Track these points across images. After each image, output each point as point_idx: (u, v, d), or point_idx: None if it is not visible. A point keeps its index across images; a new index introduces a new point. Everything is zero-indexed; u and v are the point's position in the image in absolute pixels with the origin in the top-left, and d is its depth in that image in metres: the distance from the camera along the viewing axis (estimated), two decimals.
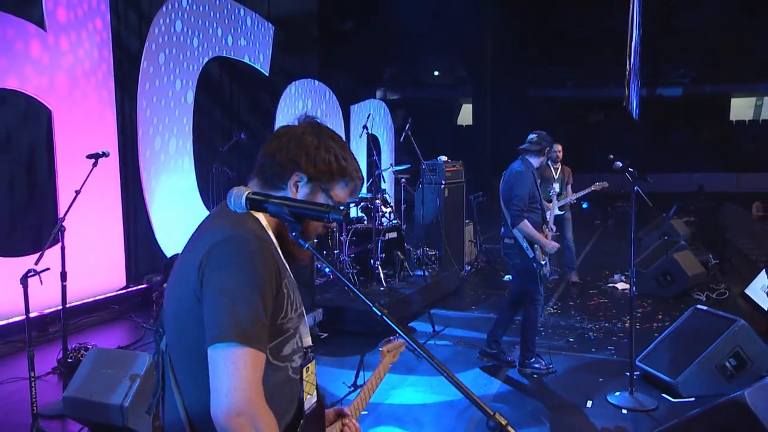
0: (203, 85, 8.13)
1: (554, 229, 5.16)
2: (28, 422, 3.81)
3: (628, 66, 14.89)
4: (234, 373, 1.35)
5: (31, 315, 5.57)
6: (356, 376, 4.62)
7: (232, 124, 8.74)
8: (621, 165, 4.47)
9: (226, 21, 8.56)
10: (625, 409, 4.10)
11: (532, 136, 4.89)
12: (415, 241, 7.76)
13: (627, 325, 5.96)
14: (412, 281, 6.83)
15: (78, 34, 6.40)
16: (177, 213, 7.53)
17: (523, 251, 4.71)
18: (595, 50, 15.70)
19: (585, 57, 16.28)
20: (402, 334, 1.49)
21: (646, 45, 16.26)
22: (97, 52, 6.61)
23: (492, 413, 1.38)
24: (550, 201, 7.45)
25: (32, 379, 3.12)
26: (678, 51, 16.27)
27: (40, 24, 6.02)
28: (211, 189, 7.56)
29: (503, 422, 1.36)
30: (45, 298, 5.09)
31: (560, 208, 7.26)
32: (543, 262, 4.72)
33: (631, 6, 14.12)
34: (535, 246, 4.68)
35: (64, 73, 6.25)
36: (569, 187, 7.61)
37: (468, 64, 17.55)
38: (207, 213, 7.67)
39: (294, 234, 1.41)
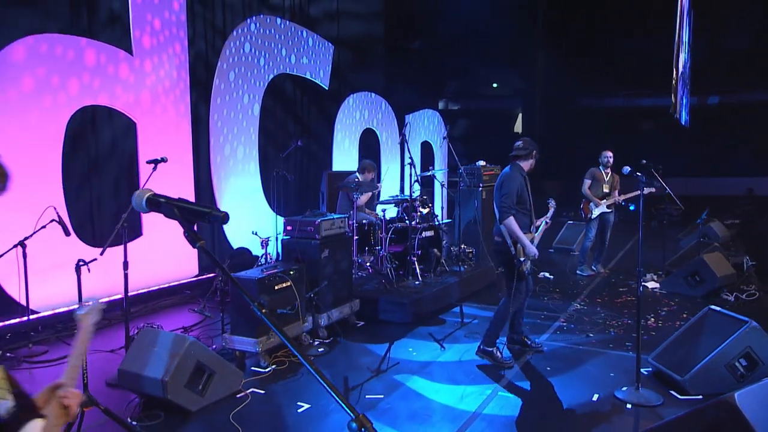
0: (268, 99, 8.33)
1: (546, 224, 4.91)
2: (96, 388, 4.04)
3: (675, 74, 14.05)
4: None
5: (115, 298, 5.97)
6: (381, 362, 4.61)
7: (294, 132, 8.89)
8: (629, 170, 4.20)
9: (290, 42, 8.72)
10: (629, 403, 3.84)
11: (518, 143, 4.84)
12: (454, 239, 7.63)
13: (650, 322, 5.64)
14: (448, 276, 6.71)
15: (160, 57, 6.71)
16: (243, 211, 7.76)
17: (507, 248, 4.55)
18: (644, 60, 14.90)
19: (634, 67, 15.46)
20: (282, 336, 1.42)
21: (695, 54, 15.30)
22: (175, 72, 6.91)
23: (356, 414, 1.31)
24: (602, 198, 7.45)
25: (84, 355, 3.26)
26: (726, 59, 15.17)
27: (129, 50, 6.36)
28: (272, 190, 7.74)
29: (368, 424, 1.29)
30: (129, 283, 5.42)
31: (608, 207, 7.68)
32: (522, 259, 4.51)
33: (678, 16, 13.31)
34: (518, 245, 4.50)
35: (148, 90, 6.57)
36: (616, 192, 7.84)
37: (520, 76, 17.09)
38: (270, 211, 7.92)
39: (186, 233, 1.40)
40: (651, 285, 7.02)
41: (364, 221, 6.72)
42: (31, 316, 5.22)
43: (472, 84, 19.17)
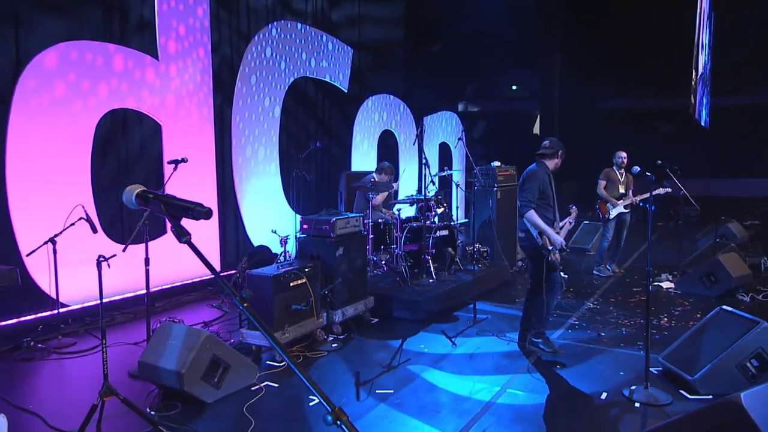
0: (289, 101, 8.39)
1: (569, 224, 4.86)
2: (118, 379, 4.13)
3: (694, 76, 13.72)
4: None
5: (140, 293, 6.09)
6: (392, 358, 4.60)
7: (314, 134, 8.93)
8: (639, 169, 4.12)
9: (310, 46, 8.77)
10: (638, 402, 3.77)
11: (545, 142, 4.83)
12: (469, 238, 7.58)
13: (663, 322, 5.53)
14: (462, 275, 6.67)
15: (184, 62, 6.81)
16: (264, 210, 7.83)
17: (533, 239, 4.52)
18: (664, 61, 14.60)
19: (654, 68, 15.15)
20: (264, 331, 1.41)
21: (717, 56, 14.91)
22: (199, 76, 7.01)
23: (333, 408, 1.31)
24: (619, 199, 7.35)
25: (104, 346, 3.34)
26: (749, 60, 14.75)
27: (155, 55, 6.47)
28: (291, 190, 7.80)
29: (343, 417, 1.29)
30: (153, 279, 5.52)
31: (625, 207, 7.58)
32: (550, 248, 4.46)
33: (698, 18, 12.99)
34: (543, 236, 4.47)
35: (172, 94, 6.68)
36: (630, 191, 7.71)
37: (539, 78, 16.88)
38: (290, 210, 7.99)
39: (172, 228, 1.42)
40: (665, 285, 6.87)
41: (380, 220, 6.73)
42: (61, 310, 5.35)
43: (492, 86, 19.03)
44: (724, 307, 4.20)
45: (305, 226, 5.39)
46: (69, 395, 4.11)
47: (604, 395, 3.92)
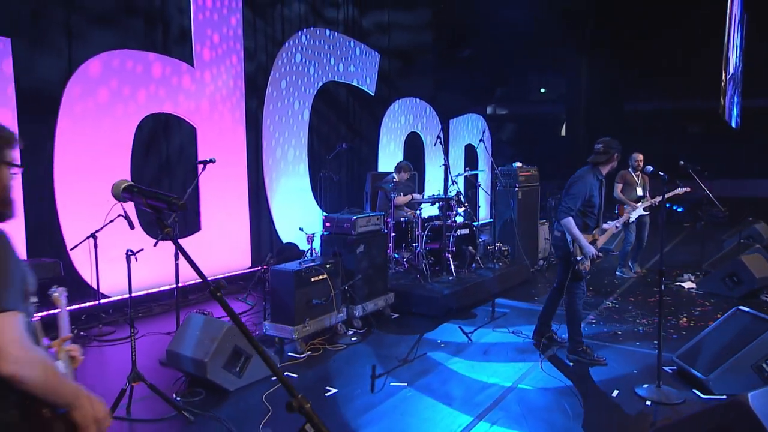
0: (318, 104, 8.47)
1: (615, 228, 4.71)
2: (149, 366, 4.25)
3: (724, 77, 13.20)
4: None
5: (173, 286, 6.25)
6: (409, 352, 4.59)
7: (343, 136, 8.98)
8: (652, 170, 3.99)
9: (338, 52, 8.83)
10: (649, 400, 3.66)
11: (598, 146, 4.43)
12: (491, 237, 7.50)
13: (681, 322, 5.35)
14: (482, 273, 6.60)
15: (218, 69, 6.95)
16: (293, 209, 7.92)
17: (567, 244, 4.39)
18: (692, 62, 14.12)
19: (682, 69, 14.66)
20: (235, 321, 1.43)
21: (748, 57, 14.31)
22: (232, 82, 7.14)
23: (296, 395, 1.32)
24: (637, 201, 7.13)
25: (132, 336, 3.45)
26: None
27: (190, 62, 6.63)
28: (319, 189, 7.87)
29: (306, 405, 1.30)
30: (187, 273, 5.67)
31: (644, 209, 7.25)
32: (579, 258, 4.34)
33: (729, 19, 12.50)
34: (575, 244, 4.34)
35: (207, 99, 6.83)
36: (648, 193, 7.46)
37: (566, 80, 16.55)
38: (318, 209, 8.06)
39: (155, 220, 1.45)
40: (687, 285, 6.64)
41: (402, 219, 6.72)
42: (102, 300, 5.54)
43: (519, 89, 18.77)
44: (741, 307, 4.04)
45: (327, 224, 5.43)
46: (104, 380, 4.25)
47: (615, 392, 3.82)
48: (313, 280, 4.74)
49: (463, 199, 6.89)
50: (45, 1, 5.28)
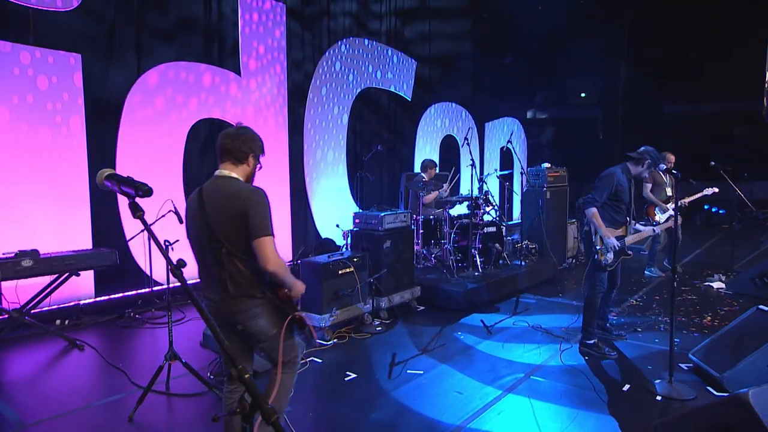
0: (356, 109, 8.57)
1: (653, 231, 4.56)
2: (191, 347, 4.45)
3: (767, 76, 12.37)
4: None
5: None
6: (429, 342, 4.59)
7: (379, 138, 9.04)
8: (664, 167, 3.82)
9: (376, 60, 8.90)
10: (659, 396, 3.51)
11: (641, 149, 4.37)
12: (520, 235, 7.37)
13: (705, 321, 5.09)
14: (508, 269, 6.49)
15: (263, 77, 7.16)
16: (331, 207, 8.05)
17: (591, 235, 4.29)
18: (735, 62, 13.31)
19: (725, 70, 13.84)
20: (194, 301, 1.47)
21: None
22: (276, 89, 7.34)
23: (236, 366, 1.37)
24: (667, 202, 6.81)
25: (169, 320, 3.62)
26: None
27: (237, 72, 6.87)
28: (356, 189, 7.96)
29: (245, 375, 1.34)
30: None
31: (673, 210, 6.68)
32: (599, 248, 4.21)
33: None
34: (597, 234, 4.23)
35: (252, 105, 7.05)
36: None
37: (605, 84, 15.95)
38: (355, 207, 8.17)
39: (129, 204, 1.54)
40: (716, 285, 6.29)
41: (431, 216, 6.71)
42: (154, 288, 5.84)
43: (556, 93, 18.24)
44: (761, 306, 3.80)
45: (357, 221, 5.50)
46: (151, 358, 4.46)
47: (626, 386, 3.69)
48: (340, 272, 4.81)
49: (492, 199, 6.80)
50: (115, 20, 5.62)
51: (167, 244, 3.59)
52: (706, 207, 13.40)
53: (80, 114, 5.42)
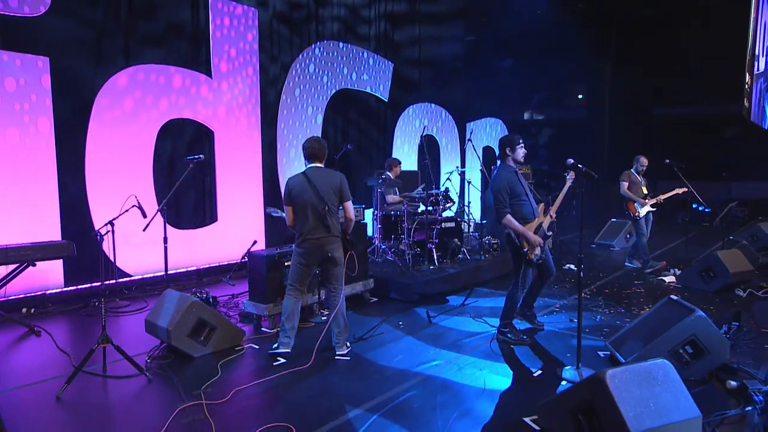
0: (331, 109, 8.70)
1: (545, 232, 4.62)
2: (139, 333, 4.61)
3: (748, 79, 12.26)
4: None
5: (191, 269, 6.69)
6: (367, 332, 4.70)
7: (355, 138, 9.16)
8: (572, 162, 3.89)
9: (351, 62, 9.03)
10: (565, 380, 3.59)
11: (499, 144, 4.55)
12: (479, 232, 7.44)
13: (642, 312, 5.13)
14: (464, 264, 6.58)
15: (234, 79, 7.33)
16: None
17: (512, 240, 4.37)
18: (720, 65, 13.20)
19: (710, 72, 13.72)
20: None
21: None
22: (248, 90, 7.51)
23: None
24: (644, 198, 6.90)
25: (104, 307, 3.78)
26: None
27: (209, 74, 7.05)
28: None
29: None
30: (204, 258, 6.10)
31: (652, 206, 7.18)
32: (526, 249, 4.30)
33: (752, 22, 11.61)
34: (521, 238, 4.30)
35: (224, 106, 7.22)
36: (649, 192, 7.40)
37: (589, 86, 15.87)
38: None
39: None
40: (668, 279, 6.32)
41: (391, 212, 6.82)
42: (125, 279, 6.02)
43: (556, 95, 18.17)
44: (673, 296, 3.87)
45: None
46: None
47: (537, 372, 3.77)
48: (286, 264, 4.95)
49: (450, 196, 6.89)
50: (87, 24, 5.83)
51: (96, 233, 3.76)
52: (693, 206, 13.30)
53: (48, 115, 5.63)
